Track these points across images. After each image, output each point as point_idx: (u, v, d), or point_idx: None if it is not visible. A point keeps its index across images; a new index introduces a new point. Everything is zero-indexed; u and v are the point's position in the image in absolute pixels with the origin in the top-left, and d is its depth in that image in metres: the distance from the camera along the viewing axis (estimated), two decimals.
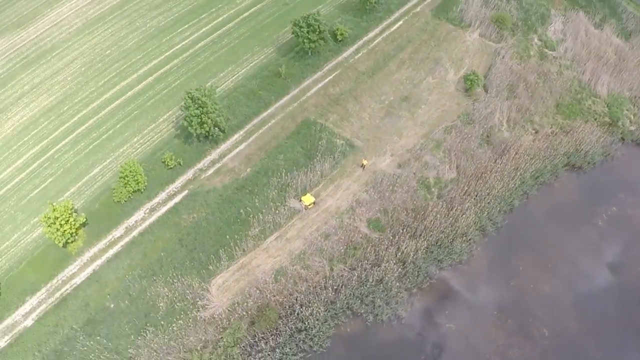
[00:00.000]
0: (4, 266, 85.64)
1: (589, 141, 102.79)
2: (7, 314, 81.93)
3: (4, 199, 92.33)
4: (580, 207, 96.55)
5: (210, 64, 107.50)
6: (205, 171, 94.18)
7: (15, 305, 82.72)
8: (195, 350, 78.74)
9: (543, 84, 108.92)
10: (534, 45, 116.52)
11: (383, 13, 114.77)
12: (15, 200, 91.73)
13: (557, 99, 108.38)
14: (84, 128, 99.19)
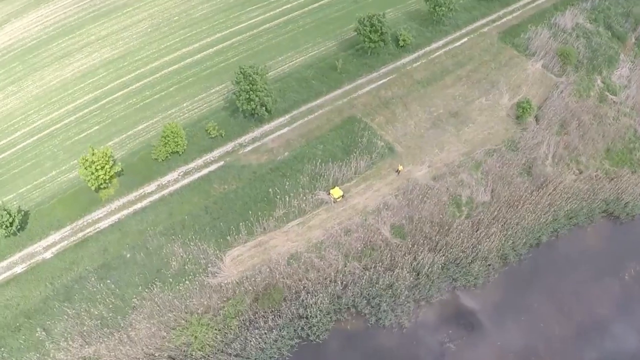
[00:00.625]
0: (36, 199, 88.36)
1: (632, 192, 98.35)
2: (30, 243, 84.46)
3: (51, 136, 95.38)
4: (610, 257, 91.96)
5: (270, 47, 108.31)
6: (245, 147, 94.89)
7: (38, 237, 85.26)
8: (196, 313, 79.35)
9: (597, 126, 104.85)
10: (595, 86, 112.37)
11: (449, 27, 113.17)
12: (61, 140, 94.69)
13: (608, 144, 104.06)
14: (139, 85, 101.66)
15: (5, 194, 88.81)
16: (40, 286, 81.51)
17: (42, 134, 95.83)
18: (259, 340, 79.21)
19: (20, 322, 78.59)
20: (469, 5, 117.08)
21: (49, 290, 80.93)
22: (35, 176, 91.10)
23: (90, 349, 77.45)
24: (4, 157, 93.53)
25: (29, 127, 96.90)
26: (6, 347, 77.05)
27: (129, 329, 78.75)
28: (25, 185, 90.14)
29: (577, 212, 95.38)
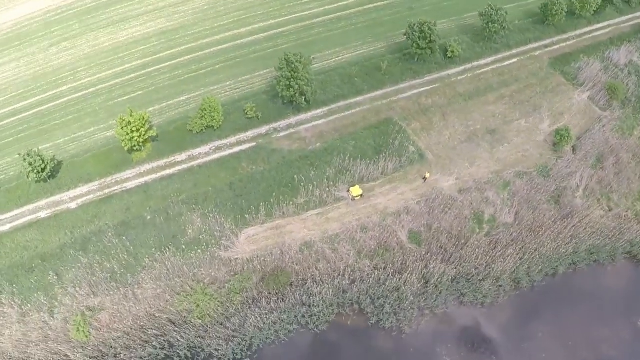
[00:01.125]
0: (71, 151, 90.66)
1: None
2: (58, 192, 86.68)
3: (96, 95, 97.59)
4: (626, 300, 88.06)
5: (319, 40, 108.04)
6: (279, 132, 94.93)
7: (67, 187, 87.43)
8: (203, 282, 79.89)
9: (635, 166, 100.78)
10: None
11: (500, 46, 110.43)
12: (104, 99, 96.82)
13: None
14: (187, 58, 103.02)
15: (43, 142, 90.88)
16: (60, 233, 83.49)
17: (87, 91, 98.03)
18: (259, 319, 79.30)
19: (35, 264, 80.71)
20: (524, 27, 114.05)
21: (68, 239, 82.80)
22: (74, 130, 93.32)
23: (96, 300, 78.95)
24: (48, 108, 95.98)
25: (76, 83, 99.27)
26: (18, 285, 79.19)
27: (135, 287, 79.94)
28: (63, 137, 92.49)
29: (599, 249, 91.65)
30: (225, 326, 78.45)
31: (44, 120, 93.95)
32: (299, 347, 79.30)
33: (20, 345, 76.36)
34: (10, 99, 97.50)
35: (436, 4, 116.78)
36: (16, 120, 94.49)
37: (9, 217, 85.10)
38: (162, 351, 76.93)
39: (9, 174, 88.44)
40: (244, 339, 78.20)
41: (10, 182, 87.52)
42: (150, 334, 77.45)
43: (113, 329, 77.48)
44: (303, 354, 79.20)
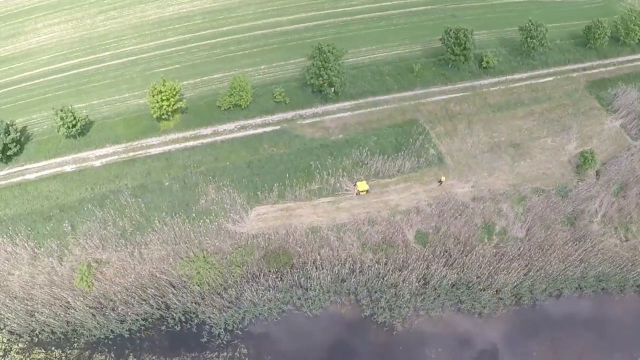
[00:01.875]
0: (104, 113, 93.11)
1: None
2: (85, 149, 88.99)
3: (135, 63, 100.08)
4: (630, 333, 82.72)
5: (358, 36, 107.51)
6: (304, 119, 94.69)
7: (94, 146, 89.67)
8: (206, 251, 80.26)
9: None
10: None
11: (538, 63, 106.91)
12: (142, 68, 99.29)
13: None
14: (227, 39, 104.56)
15: (79, 102, 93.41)
16: (81, 188, 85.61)
17: (127, 59, 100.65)
18: (254, 295, 78.97)
19: (53, 213, 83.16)
20: (564, 48, 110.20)
21: (88, 194, 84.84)
22: (110, 94, 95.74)
23: (104, 254, 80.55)
24: (88, 70, 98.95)
25: (118, 50, 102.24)
26: (34, 231, 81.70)
27: (143, 246, 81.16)
28: (98, 99, 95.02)
29: (608, 277, 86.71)
30: (221, 296, 78.56)
31: (82, 81, 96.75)
32: (290, 327, 78.57)
33: (26, 286, 78.66)
34: (54, 58, 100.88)
35: (480, 15, 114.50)
36: (57, 78, 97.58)
37: (36, 167, 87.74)
38: (158, 311, 77.89)
39: (43, 127, 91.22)
40: (237, 311, 78.11)
41: (43, 135, 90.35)
42: (149, 294, 78.30)
43: (115, 283, 78.74)
44: (293, 335, 78.41)
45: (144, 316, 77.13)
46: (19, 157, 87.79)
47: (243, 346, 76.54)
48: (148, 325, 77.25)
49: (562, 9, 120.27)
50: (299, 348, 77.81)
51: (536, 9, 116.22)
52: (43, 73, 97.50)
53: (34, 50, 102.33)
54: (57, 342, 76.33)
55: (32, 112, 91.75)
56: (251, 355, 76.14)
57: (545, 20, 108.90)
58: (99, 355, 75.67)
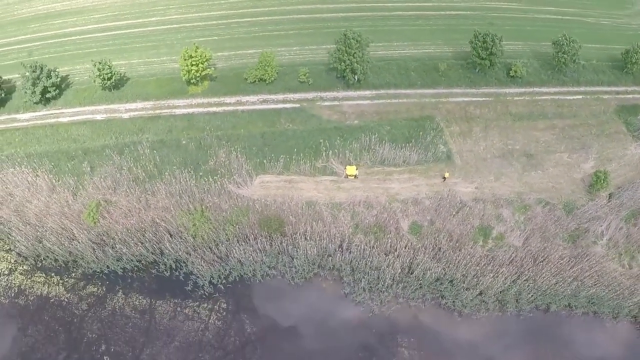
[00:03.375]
0: (140, 71, 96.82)
1: None
2: (117, 102, 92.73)
3: (177, 31, 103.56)
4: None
5: (392, 31, 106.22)
6: (323, 101, 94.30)
7: (126, 100, 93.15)
8: (205, 206, 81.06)
9: None
10: None
11: (569, 80, 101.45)
12: (183, 36, 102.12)
13: None
14: (266, 19, 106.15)
15: (120, 59, 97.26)
16: (107, 135, 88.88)
17: (171, 26, 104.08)
18: (242, 254, 79.17)
19: (77, 154, 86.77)
20: (599, 69, 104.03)
21: (111, 141, 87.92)
22: (149, 55, 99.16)
23: (114, 196, 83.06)
24: (134, 32, 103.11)
25: (164, 17, 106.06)
26: (56, 167, 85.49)
27: (150, 194, 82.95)
28: (137, 59, 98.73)
29: (602, 301, 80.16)
30: (212, 251, 79.34)
31: (127, 41, 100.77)
32: (270, 291, 78.16)
33: (40, 214, 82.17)
34: (105, 17, 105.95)
35: (519, 26, 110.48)
36: (104, 35, 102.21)
37: (70, 112, 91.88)
38: (152, 255, 79.75)
39: (83, 78, 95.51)
40: (224, 267, 78.76)
41: (82, 85, 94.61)
42: (147, 238, 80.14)
43: (118, 223, 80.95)
44: (272, 299, 78.11)
45: (138, 258, 79.20)
46: (57, 101, 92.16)
47: (223, 301, 77.15)
48: (141, 267, 79.32)
49: (605, 31, 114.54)
50: (275, 312, 77.01)
51: (578, 28, 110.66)
52: (93, 30, 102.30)
53: (87, 9, 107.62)
54: (57, 270, 79.61)
55: (77, 64, 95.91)
56: (229, 310, 76.46)
57: (585, 40, 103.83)
58: (92, 287, 78.15)
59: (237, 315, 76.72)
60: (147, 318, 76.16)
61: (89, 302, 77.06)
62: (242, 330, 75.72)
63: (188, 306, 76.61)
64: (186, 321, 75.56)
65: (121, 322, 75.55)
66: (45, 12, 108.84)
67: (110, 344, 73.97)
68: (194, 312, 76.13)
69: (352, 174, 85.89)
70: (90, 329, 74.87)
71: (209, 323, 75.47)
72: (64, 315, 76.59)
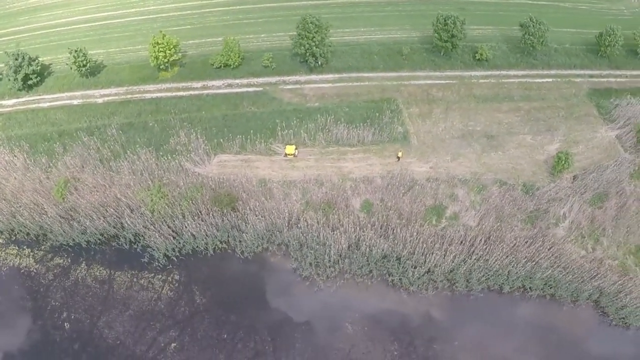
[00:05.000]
0: (117, 59, 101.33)
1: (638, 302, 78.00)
2: (93, 88, 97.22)
3: (154, 21, 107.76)
4: (569, 347, 74.63)
5: (361, 17, 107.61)
6: (286, 84, 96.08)
7: (101, 86, 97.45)
8: (163, 183, 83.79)
9: None
10: None
11: (539, 63, 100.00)
12: (159, 26, 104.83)
13: None
14: (238, 8, 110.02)
15: (99, 48, 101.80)
16: (81, 119, 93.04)
17: (148, 16, 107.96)
18: (196, 228, 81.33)
19: (52, 136, 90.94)
20: (573, 52, 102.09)
21: (84, 124, 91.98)
22: (126, 44, 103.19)
23: (82, 174, 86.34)
24: (114, 23, 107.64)
25: (142, 8, 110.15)
26: (33, 148, 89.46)
27: (114, 172, 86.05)
28: (115, 48, 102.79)
29: (559, 284, 78.11)
30: (167, 225, 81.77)
31: (107, 31, 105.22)
32: (221, 265, 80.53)
33: (15, 190, 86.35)
34: (89, 9, 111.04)
35: (491, 12, 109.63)
36: (87, 26, 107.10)
37: (50, 98, 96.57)
38: (113, 229, 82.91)
39: (64, 66, 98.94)
40: (179, 241, 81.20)
41: (62, 72, 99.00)
42: (110, 212, 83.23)
43: (84, 198, 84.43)
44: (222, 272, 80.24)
45: (101, 231, 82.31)
46: (39, 87, 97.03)
47: (177, 272, 79.64)
48: (103, 240, 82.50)
49: (582, 16, 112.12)
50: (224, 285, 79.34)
51: (553, 12, 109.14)
52: (78, 21, 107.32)
53: (74, 1, 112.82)
54: (29, 243, 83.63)
55: (60, 53, 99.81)
56: (181, 282, 78.97)
57: (560, 24, 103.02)
58: (59, 259, 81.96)
59: (188, 287, 79.05)
60: (106, 288, 79.38)
61: (55, 272, 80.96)
62: (192, 301, 77.74)
63: (144, 277, 79.53)
64: (141, 291, 78.49)
65: (82, 292, 78.89)
66: (35, 5, 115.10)
67: (72, 311, 77.31)
68: (148, 283, 79.06)
69: (291, 153, 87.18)
70: (55, 297, 78.46)
71: (161, 293, 78.13)
72: (32, 284, 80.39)
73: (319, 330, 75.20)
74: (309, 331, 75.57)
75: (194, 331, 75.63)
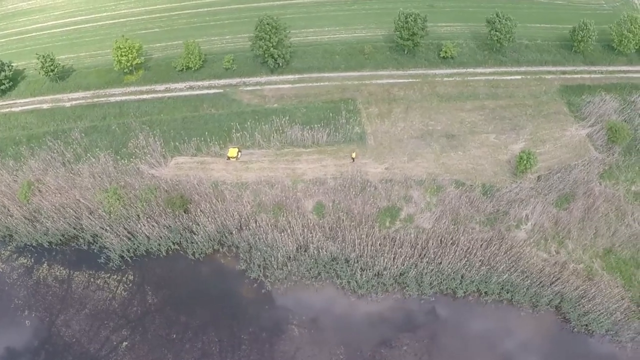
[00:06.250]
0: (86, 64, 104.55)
1: (601, 308, 76.13)
2: (62, 92, 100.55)
3: (124, 25, 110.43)
4: (527, 354, 74.38)
5: (327, 17, 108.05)
6: (246, 86, 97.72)
7: (70, 90, 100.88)
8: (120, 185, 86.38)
9: (613, 222, 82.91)
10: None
11: (508, 60, 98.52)
12: (128, 29, 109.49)
13: (613, 245, 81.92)
14: (207, 10, 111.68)
15: (70, 53, 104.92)
16: (50, 123, 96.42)
17: (119, 20, 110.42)
18: (149, 230, 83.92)
19: (21, 140, 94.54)
20: (544, 48, 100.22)
21: (51, 127, 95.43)
22: (95, 49, 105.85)
23: (45, 176, 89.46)
24: (86, 27, 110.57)
25: (114, 12, 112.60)
26: (2, 152, 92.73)
27: (76, 174, 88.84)
28: (85, 52, 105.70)
29: (517, 288, 77.61)
30: (123, 226, 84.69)
31: (78, 36, 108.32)
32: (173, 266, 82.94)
33: None
34: (64, 14, 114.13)
35: (462, 8, 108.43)
36: (61, 31, 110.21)
37: (22, 102, 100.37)
38: (73, 230, 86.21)
39: (35, 71, 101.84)
40: (133, 242, 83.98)
41: (34, 77, 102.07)
42: (70, 214, 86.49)
43: (47, 200, 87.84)
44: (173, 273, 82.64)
45: (62, 232, 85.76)
46: (12, 92, 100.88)
47: (131, 273, 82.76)
48: (64, 241, 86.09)
49: (559, 11, 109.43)
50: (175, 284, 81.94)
51: (527, 8, 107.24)
52: (52, 26, 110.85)
53: (49, 6, 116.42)
54: None
55: (33, 58, 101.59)
56: (135, 282, 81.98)
57: (534, 20, 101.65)
58: (23, 259, 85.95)
59: (141, 287, 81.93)
60: (65, 287, 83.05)
61: (19, 272, 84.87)
62: (144, 301, 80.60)
63: (100, 277, 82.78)
64: (97, 291, 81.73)
65: (43, 291, 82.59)
66: (13, 11, 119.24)
67: (32, 310, 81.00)
68: (104, 283, 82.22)
69: (233, 156, 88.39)
70: (18, 296, 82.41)
71: (116, 293, 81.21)
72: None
73: (266, 332, 77.01)
74: (255, 333, 77.42)
75: (145, 331, 78.64)
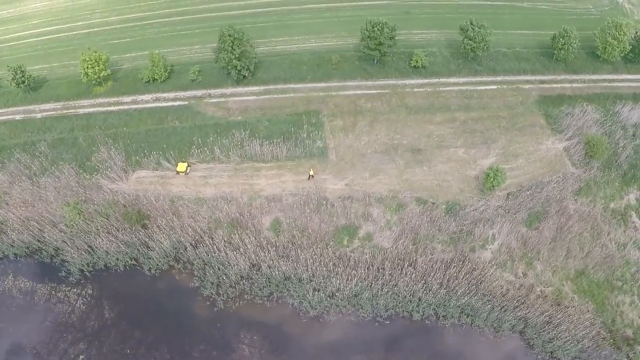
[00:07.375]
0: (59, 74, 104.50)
1: (572, 334, 75.14)
2: (34, 103, 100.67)
3: (97, 35, 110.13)
4: None
5: (298, 25, 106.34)
6: (211, 98, 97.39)
7: (41, 101, 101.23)
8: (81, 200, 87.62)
9: (587, 242, 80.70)
10: (624, 200, 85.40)
11: (483, 69, 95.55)
12: (101, 39, 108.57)
13: (586, 266, 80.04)
14: (177, 19, 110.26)
15: (45, 63, 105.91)
16: (22, 134, 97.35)
17: (92, 30, 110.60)
18: (108, 244, 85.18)
19: None
20: (523, 56, 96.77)
21: (22, 139, 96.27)
22: (68, 59, 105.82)
23: (11, 189, 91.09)
24: (60, 37, 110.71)
25: (89, 21, 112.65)
26: None
27: (40, 188, 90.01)
28: (57, 62, 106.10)
29: (477, 312, 77.14)
30: (82, 240, 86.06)
31: (53, 45, 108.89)
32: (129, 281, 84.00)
33: None
34: (41, 23, 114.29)
35: (439, 14, 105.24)
36: (37, 40, 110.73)
37: None
38: (37, 243, 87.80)
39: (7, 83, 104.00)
40: (93, 256, 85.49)
41: (7, 88, 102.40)
42: (34, 227, 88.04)
43: (12, 213, 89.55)
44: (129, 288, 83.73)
45: (27, 244, 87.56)
46: None
47: (90, 287, 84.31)
48: (28, 253, 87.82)
49: (542, 16, 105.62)
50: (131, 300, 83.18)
51: (509, 14, 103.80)
52: (28, 35, 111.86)
53: (28, 15, 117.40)
54: None
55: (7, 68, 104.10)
56: (93, 297, 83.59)
57: (516, 26, 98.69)
58: None
59: (99, 302, 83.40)
60: (28, 299, 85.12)
61: None
62: (101, 316, 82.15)
63: (61, 290, 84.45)
64: (57, 304, 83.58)
65: (7, 302, 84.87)
66: None
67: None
68: (64, 296, 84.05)
69: (182, 171, 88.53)
70: None
71: (75, 307, 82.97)
72: None
73: (216, 351, 77.94)
74: (207, 351, 78.31)
75: (101, 345, 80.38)
